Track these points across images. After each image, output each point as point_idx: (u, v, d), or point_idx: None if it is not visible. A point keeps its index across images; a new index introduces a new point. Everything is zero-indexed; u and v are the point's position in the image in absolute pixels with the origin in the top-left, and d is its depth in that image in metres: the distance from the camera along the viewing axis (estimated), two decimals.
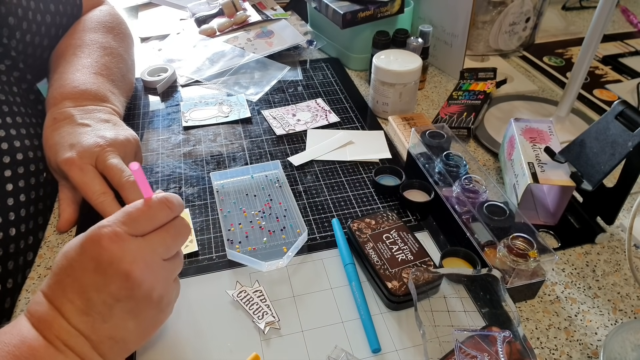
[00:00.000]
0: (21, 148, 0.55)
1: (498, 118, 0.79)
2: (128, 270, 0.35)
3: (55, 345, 0.34)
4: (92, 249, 0.35)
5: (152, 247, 0.37)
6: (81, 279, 0.35)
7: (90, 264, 0.35)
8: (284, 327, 0.47)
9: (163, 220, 0.39)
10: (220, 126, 0.77)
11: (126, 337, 0.36)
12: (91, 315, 0.35)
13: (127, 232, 0.36)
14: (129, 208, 0.37)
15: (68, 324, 0.35)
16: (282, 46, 0.94)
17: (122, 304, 0.35)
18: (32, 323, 0.35)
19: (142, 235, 0.37)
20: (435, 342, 0.46)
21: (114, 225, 0.36)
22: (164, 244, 0.38)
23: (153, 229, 0.38)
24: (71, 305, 0.35)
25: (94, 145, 0.55)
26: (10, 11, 0.60)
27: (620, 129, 0.52)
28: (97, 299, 0.35)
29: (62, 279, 0.35)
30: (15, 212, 0.52)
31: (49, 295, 0.36)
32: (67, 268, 0.35)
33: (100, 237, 0.35)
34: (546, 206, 0.61)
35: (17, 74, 0.61)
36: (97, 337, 0.35)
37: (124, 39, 0.78)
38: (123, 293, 0.35)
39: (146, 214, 0.37)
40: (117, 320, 0.35)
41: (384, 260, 0.51)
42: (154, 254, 0.37)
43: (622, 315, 0.50)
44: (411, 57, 0.76)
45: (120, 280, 0.35)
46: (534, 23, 0.92)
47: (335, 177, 0.67)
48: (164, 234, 0.38)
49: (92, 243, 0.35)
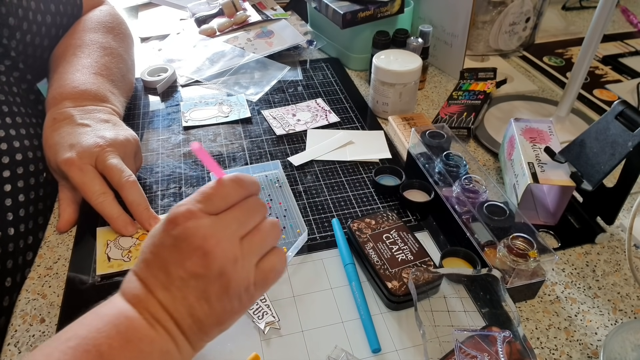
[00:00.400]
0: (21, 148, 0.55)
1: (498, 118, 0.79)
2: (201, 245, 0.36)
3: (146, 318, 0.35)
4: (170, 227, 0.37)
5: (225, 224, 0.38)
6: (161, 254, 0.37)
7: (168, 240, 0.37)
8: (284, 327, 0.47)
9: (236, 199, 0.39)
10: (220, 126, 0.77)
11: (202, 318, 0.37)
12: (171, 290, 0.36)
13: (202, 210, 0.37)
14: (204, 187, 0.39)
15: (154, 298, 0.36)
16: (282, 46, 0.94)
17: (196, 281, 0.36)
18: (126, 298, 0.37)
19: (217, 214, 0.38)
20: (435, 342, 0.46)
21: (189, 203, 0.38)
22: (237, 221, 0.39)
23: (226, 207, 0.39)
24: (155, 279, 0.37)
25: (94, 145, 0.55)
26: (10, 11, 0.60)
27: (620, 129, 0.52)
28: (175, 274, 0.36)
29: (147, 256, 0.37)
30: (14, 212, 0.52)
31: (137, 272, 0.38)
32: (150, 246, 0.38)
33: (176, 216, 0.37)
34: (546, 206, 0.61)
35: (17, 74, 0.61)
36: (178, 313, 0.36)
37: (124, 39, 0.78)
38: (196, 268, 0.36)
39: (219, 192, 0.39)
40: (192, 298, 0.36)
41: (384, 260, 0.51)
42: (227, 230, 0.38)
43: (622, 315, 0.50)
44: (411, 57, 0.76)
45: (194, 255, 0.36)
46: (534, 23, 0.92)
47: (335, 177, 0.67)
48: (237, 211, 0.39)
49: (169, 221, 0.37)
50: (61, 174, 0.56)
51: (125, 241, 0.56)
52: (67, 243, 0.57)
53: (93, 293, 0.51)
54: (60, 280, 0.52)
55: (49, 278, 0.53)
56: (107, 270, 0.52)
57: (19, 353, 0.46)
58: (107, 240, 0.56)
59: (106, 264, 0.53)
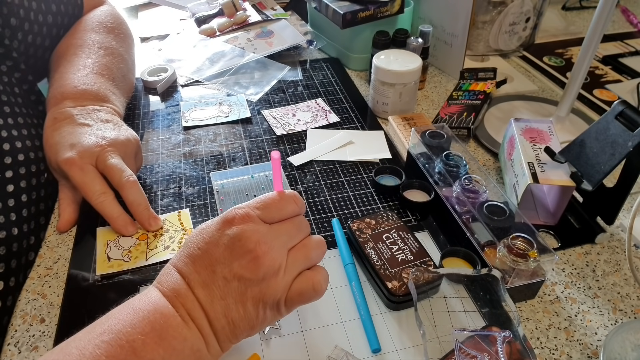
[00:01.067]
0: (22, 149, 0.55)
1: (498, 118, 0.79)
2: (253, 248, 0.37)
3: (181, 315, 0.36)
4: (226, 226, 0.38)
5: (277, 234, 0.39)
6: (211, 251, 0.37)
7: (222, 239, 0.37)
8: (284, 327, 0.47)
9: (290, 214, 0.41)
10: (220, 126, 0.77)
11: (236, 320, 0.37)
12: (211, 288, 0.37)
13: (259, 216, 0.39)
14: (263, 196, 0.41)
15: (193, 294, 0.36)
16: (282, 46, 0.94)
17: (238, 283, 0.37)
18: (162, 292, 0.37)
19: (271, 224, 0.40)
20: (435, 342, 0.46)
21: (248, 208, 0.39)
22: (288, 234, 0.40)
23: (280, 219, 0.41)
24: (197, 276, 0.37)
25: (95, 145, 0.55)
26: (12, 12, 0.60)
27: (620, 129, 0.52)
28: (220, 272, 0.37)
29: (194, 252, 0.38)
30: (17, 213, 0.52)
31: (179, 266, 0.38)
32: (200, 242, 0.38)
33: (234, 217, 0.38)
34: (546, 206, 0.61)
35: (19, 74, 0.61)
36: (214, 312, 0.37)
37: (125, 39, 0.78)
38: (243, 271, 0.37)
39: (277, 203, 0.40)
40: (230, 300, 0.37)
41: (384, 260, 0.51)
42: (278, 239, 0.39)
43: (622, 315, 0.50)
44: (411, 57, 0.76)
45: (243, 257, 0.37)
46: (534, 23, 0.92)
47: (335, 177, 0.67)
48: (289, 225, 0.41)
49: (226, 221, 0.38)
50: (62, 174, 0.56)
51: (125, 241, 0.56)
52: (67, 243, 0.57)
53: (93, 293, 0.51)
54: (60, 280, 0.52)
55: (49, 278, 0.53)
56: (107, 270, 0.53)
57: (19, 353, 0.46)
58: (107, 240, 0.56)
59: (106, 264, 0.53)
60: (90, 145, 0.55)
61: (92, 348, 0.32)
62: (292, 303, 0.40)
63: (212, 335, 0.37)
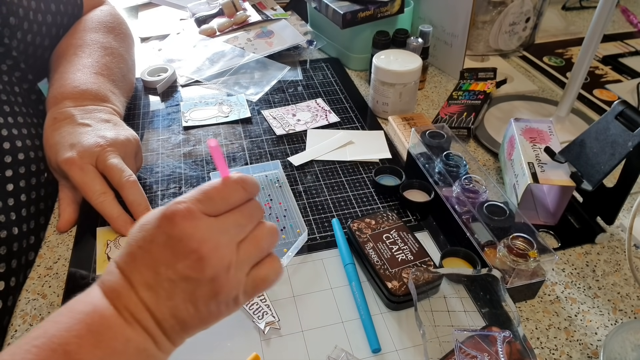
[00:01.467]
0: (22, 148, 0.55)
1: (498, 118, 0.79)
2: (196, 248, 0.34)
3: (124, 316, 0.34)
4: (166, 224, 0.35)
5: (224, 228, 0.36)
6: (152, 252, 0.35)
7: (162, 238, 0.35)
8: (284, 327, 0.47)
9: (237, 201, 0.38)
10: (220, 126, 0.77)
11: (187, 320, 0.36)
12: (156, 290, 0.35)
13: (202, 211, 0.36)
14: (205, 186, 0.37)
15: (136, 295, 0.35)
16: (282, 46, 0.94)
17: (186, 284, 0.35)
18: (104, 292, 0.35)
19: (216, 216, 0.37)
20: (435, 342, 0.46)
21: (189, 202, 0.36)
22: (237, 225, 0.37)
23: (227, 209, 0.37)
24: (140, 276, 0.35)
25: (95, 145, 0.55)
26: (11, 11, 0.60)
27: (620, 129, 0.52)
28: (164, 274, 0.35)
29: (135, 250, 0.36)
30: (17, 212, 0.52)
31: (121, 265, 0.36)
32: (140, 240, 0.36)
33: (174, 213, 0.35)
34: (546, 206, 0.61)
35: (19, 74, 0.61)
36: (161, 313, 0.35)
37: (125, 39, 0.78)
38: (189, 272, 0.35)
39: (222, 192, 0.37)
40: (179, 300, 0.35)
41: (384, 260, 0.51)
42: (225, 234, 0.36)
43: (622, 315, 0.50)
44: (411, 57, 0.76)
45: (187, 257, 0.34)
46: (534, 23, 0.92)
47: (335, 177, 0.67)
48: (237, 214, 0.37)
49: (166, 218, 0.35)
50: (62, 174, 0.56)
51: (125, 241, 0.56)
52: (67, 243, 0.57)
53: None
54: (60, 280, 0.52)
55: (49, 278, 0.53)
56: None
57: None
58: (107, 240, 0.56)
59: (106, 264, 0.53)
60: (90, 145, 0.55)
61: (23, 353, 0.31)
62: (247, 296, 0.39)
63: (160, 334, 0.35)
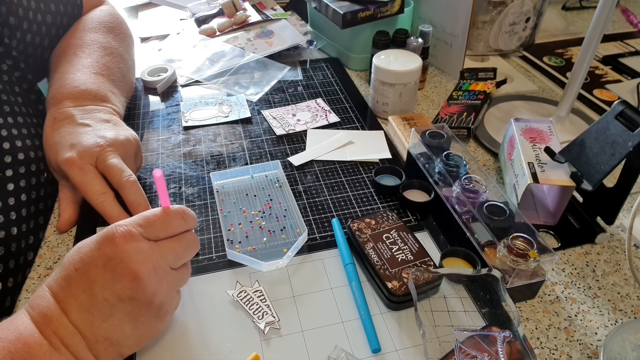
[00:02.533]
0: (22, 148, 0.55)
1: (498, 118, 0.79)
2: (136, 270, 0.35)
3: (51, 342, 0.34)
4: (105, 246, 0.35)
5: (163, 253, 0.38)
6: (89, 273, 0.35)
7: (101, 259, 0.35)
8: (284, 327, 0.47)
9: (177, 230, 0.40)
10: (220, 126, 0.77)
11: (122, 340, 0.36)
12: (92, 312, 0.35)
13: (142, 234, 0.37)
14: (147, 213, 0.39)
15: (68, 320, 0.34)
16: (282, 46, 0.94)
17: (124, 305, 0.35)
18: (32, 317, 0.35)
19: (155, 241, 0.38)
20: (435, 342, 0.46)
21: (130, 225, 0.37)
22: (175, 253, 0.39)
23: (166, 237, 0.39)
24: (74, 300, 0.35)
25: (94, 145, 0.55)
26: (11, 11, 0.60)
27: (620, 129, 0.52)
28: (101, 295, 0.35)
29: (71, 273, 0.35)
30: (17, 212, 0.52)
31: (54, 288, 0.36)
32: (77, 262, 0.36)
33: (114, 235, 0.35)
34: (546, 206, 0.61)
35: (18, 74, 0.61)
36: (94, 336, 0.35)
37: (125, 39, 0.78)
38: (127, 293, 0.35)
39: (162, 220, 0.39)
40: (115, 321, 0.35)
41: (384, 260, 0.51)
42: (163, 259, 0.38)
43: (622, 315, 0.50)
44: (411, 57, 0.76)
45: (126, 279, 0.35)
46: (534, 23, 0.92)
47: (335, 177, 0.67)
48: (176, 243, 0.39)
49: (106, 240, 0.35)
50: (61, 174, 0.56)
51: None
52: (67, 243, 0.57)
53: None
54: None
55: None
56: None
57: None
58: None
59: None
60: (90, 145, 0.55)
61: None
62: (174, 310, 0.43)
63: (91, 356, 0.35)
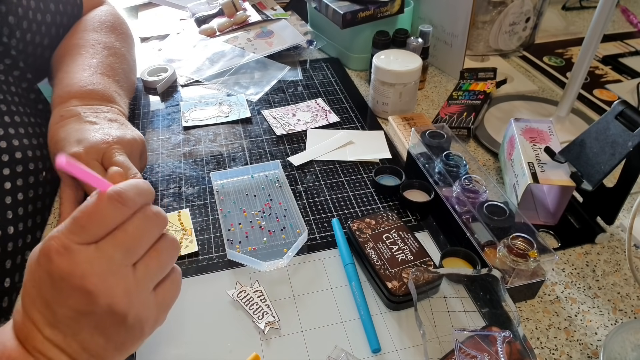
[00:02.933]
0: (20, 147, 0.55)
1: (498, 118, 0.79)
2: (80, 284, 0.32)
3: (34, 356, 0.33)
4: (45, 263, 0.32)
5: (107, 256, 0.33)
6: (42, 292, 0.33)
7: (46, 278, 0.33)
8: (284, 327, 0.47)
9: (118, 220, 0.33)
10: (220, 126, 0.77)
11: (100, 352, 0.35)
12: (59, 328, 0.33)
13: (77, 242, 0.32)
14: (77, 212, 0.33)
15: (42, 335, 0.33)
16: (282, 46, 0.94)
17: (87, 318, 0.33)
18: (15, 331, 0.34)
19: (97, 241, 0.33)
20: (435, 342, 0.46)
21: (62, 235, 0.32)
22: (122, 248, 0.33)
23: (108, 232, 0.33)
24: (41, 316, 0.33)
25: (101, 141, 0.55)
26: (10, 10, 0.60)
27: (620, 129, 0.52)
28: (61, 313, 0.33)
29: (30, 290, 0.34)
30: (13, 211, 0.52)
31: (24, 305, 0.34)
32: (30, 280, 0.34)
33: (50, 251, 0.32)
34: (546, 206, 0.61)
35: (17, 73, 0.61)
36: (72, 350, 0.34)
37: (126, 39, 0.78)
38: (83, 307, 0.33)
39: (93, 216, 0.33)
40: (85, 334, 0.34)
41: (384, 260, 0.51)
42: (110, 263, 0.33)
43: (622, 315, 0.50)
44: (411, 57, 0.76)
45: (75, 295, 0.32)
46: (534, 23, 0.92)
47: (335, 177, 0.67)
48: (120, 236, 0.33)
49: (44, 257, 0.32)
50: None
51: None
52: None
53: None
54: None
55: None
56: None
57: None
58: None
59: None
60: (97, 142, 0.55)
61: None
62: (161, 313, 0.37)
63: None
